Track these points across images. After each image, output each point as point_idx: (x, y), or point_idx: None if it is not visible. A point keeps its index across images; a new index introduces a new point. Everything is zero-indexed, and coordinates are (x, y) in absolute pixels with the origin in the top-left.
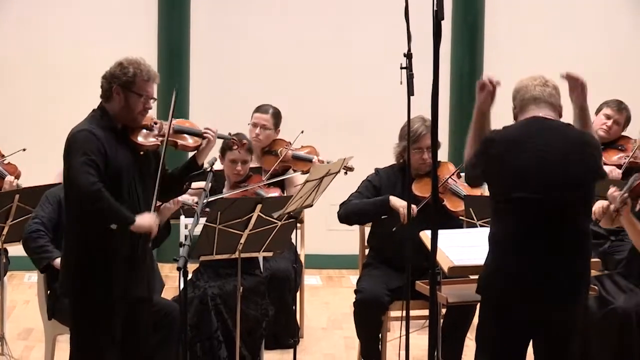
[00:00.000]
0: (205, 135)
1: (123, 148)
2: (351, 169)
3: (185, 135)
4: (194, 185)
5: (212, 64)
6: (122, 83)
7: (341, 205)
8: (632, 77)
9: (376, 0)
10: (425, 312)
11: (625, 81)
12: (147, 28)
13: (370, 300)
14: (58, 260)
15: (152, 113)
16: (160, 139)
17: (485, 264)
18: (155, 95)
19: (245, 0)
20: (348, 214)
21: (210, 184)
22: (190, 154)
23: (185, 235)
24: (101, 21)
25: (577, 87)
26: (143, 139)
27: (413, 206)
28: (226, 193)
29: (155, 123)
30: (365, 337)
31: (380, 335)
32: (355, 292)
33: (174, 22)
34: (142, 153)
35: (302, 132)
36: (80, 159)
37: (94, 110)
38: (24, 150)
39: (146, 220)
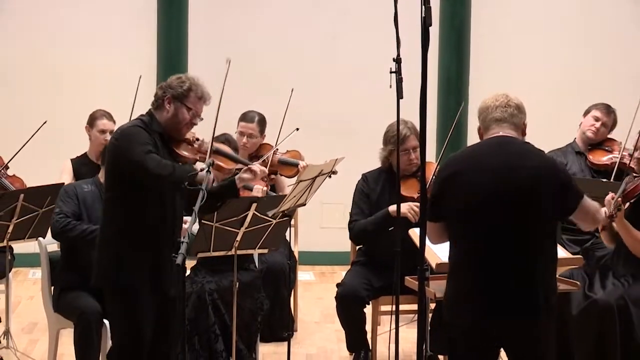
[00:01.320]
0: (252, 169)
1: (166, 155)
2: (334, 172)
3: (223, 157)
4: None
5: (209, 65)
6: (175, 94)
7: (349, 226)
8: (616, 83)
9: (367, 7)
10: (414, 307)
11: (609, 87)
12: (147, 31)
13: (348, 294)
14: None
15: None
16: (200, 155)
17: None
18: (202, 115)
19: (241, 5)
20: (358, 237)
21: (207, 185)
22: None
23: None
24: (101, 23)
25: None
26: (184, 151)
27: (415, 204)
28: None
29: (197, 139)
30: (349, 329)
31: (366, 327)
32: (337, 286)
33: (173, 26)
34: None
35: (297, 129)
36: (139, 149)
37: (142, 115)
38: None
39: (203, 174)
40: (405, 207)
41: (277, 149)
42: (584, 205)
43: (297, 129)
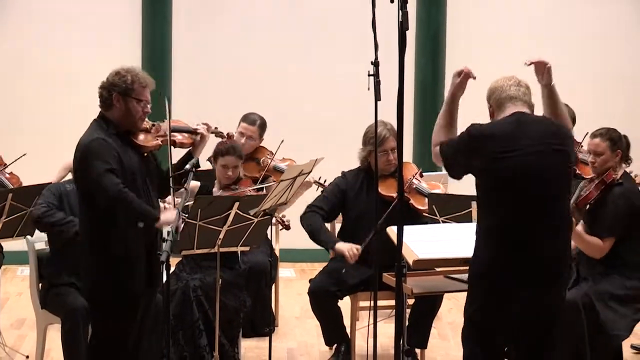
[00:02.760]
0: (198, 131)
1: (130, 151)
2: (323, 185)
3: (182, 133)
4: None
5: (193, 69)
6: (121, 91)
7: (306, 210)
8: (591, 84)
9: (346, 12)
10: (392, 302)
11: (586, 90)
12: (131, 34)
13: (318, 290)
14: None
15: None
16: (161, 138)
17: (477, 255)
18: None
19: (225, 9)
20: (304, 226)
21: (190, 183)
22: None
23: (168, 231)
24: (87, 26)
25: (542, 69)
26: (145, 140)
27: (357, 247)
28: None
29: (153, 125)
30: (324, 323)
31: (343, 322)
32: (309, 282)
33: (157, 29)
34: (145, 154)
35: (283, 141)
36: (100, 167)
37: (94, 120)
38: (24, 155)
39: (169, 215)
40: (346, 247)
41: (274, 155)
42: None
43: (282, 141)
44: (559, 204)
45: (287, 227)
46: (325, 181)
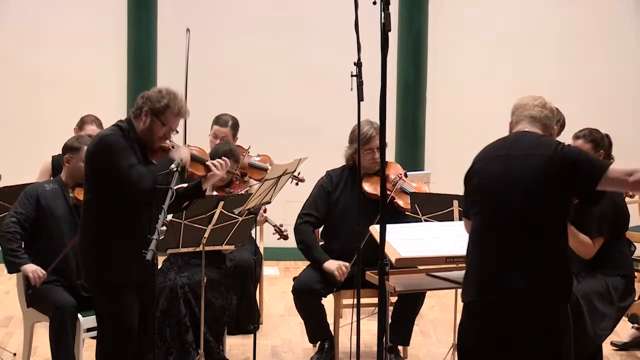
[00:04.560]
0: (209, 167)
1: (142, 162)
2: (302, 180)
3: (197, 163)
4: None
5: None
6: (153, 108)
7: (297, 224)
8: (568, 86)
9: (329, 13)
10: (375, 300)
11: (566, 90)
12: (116, 38)
13: (302, 287)
14: (27, 267)
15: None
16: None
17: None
18: (178, 129)
19: (209, 13)
20: (297, 242)
21: (176, 183)
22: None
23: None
24: (73, 27)
25: None
26: (156, 159)
27: (345, 265)
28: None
29: (173, 147)
30: (307, 321)
31: (327, 319)
32: (293, 280)
33: (142, 32)
34: None
35: (307, 157)
36: (124, 162)
37: (121, 120)
38: None
39: (181, 151)
40: (334, 265)
41: (249, 152)
42: (609, 175)
43: (307, 157)
44: (534, 212)
45: (285, 237)
46: (302, 176)
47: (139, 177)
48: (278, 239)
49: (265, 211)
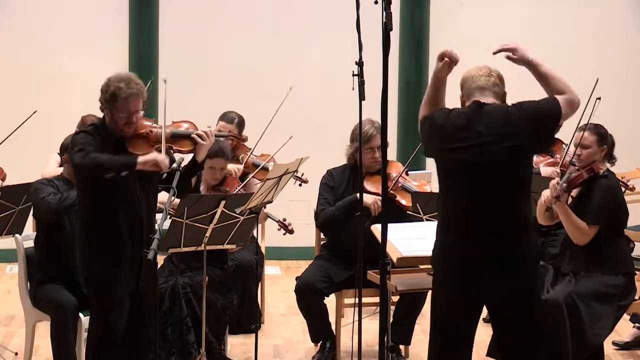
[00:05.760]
0: (195, 139)
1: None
2: (305, 182)
3: (182, 140)
4: None
5: (180, 70)
6: (105, 99)
7: (316, 215)
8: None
9: (331, 12)
10: (376, 300)
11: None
12: (118, 35)
13: (305, 287)
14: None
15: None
16: (156, 146)
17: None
18: (139, 108)
19: (210, 9)
20: (325, 224)
21: (177, 182)
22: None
23: (155, 229)
24: (75, 26)
25: (512, 52)
26: (139, 149)
27: (379, 199)
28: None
29: (151, 131)
30: (310, 320)
31: (329, 319)
32: (296, 279)
33: (144, 28)
34: None
35: (291, 137)
36: (75, 149)
37: (98, 118)
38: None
39: (150, 155)
40: (370, 199)
41: (252, 151)
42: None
43: (291, 137)
44: (506, 199)
45: (291, 232)
46: (305, 178)
47: (77, 156)
48: (284, 234)
49: (264, 207)
